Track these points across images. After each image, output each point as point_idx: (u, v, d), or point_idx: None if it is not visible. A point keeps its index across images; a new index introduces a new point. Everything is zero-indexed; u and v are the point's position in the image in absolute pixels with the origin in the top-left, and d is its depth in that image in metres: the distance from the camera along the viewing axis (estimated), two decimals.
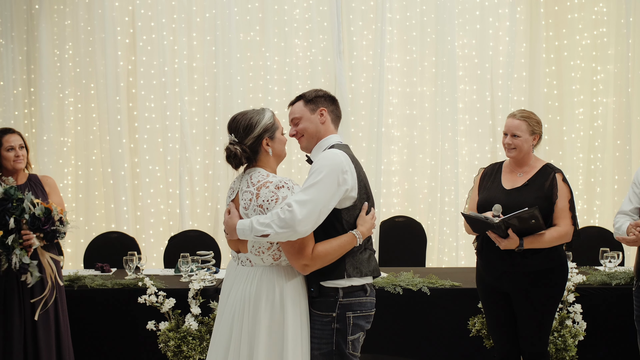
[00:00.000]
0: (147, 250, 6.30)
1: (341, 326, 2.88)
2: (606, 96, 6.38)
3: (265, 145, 2.91)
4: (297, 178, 6.49)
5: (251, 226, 2.78)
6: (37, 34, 6.48)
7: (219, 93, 6.39)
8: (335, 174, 2.79)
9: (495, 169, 3.86)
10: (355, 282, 2.90)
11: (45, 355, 4.00)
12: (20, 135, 4.19)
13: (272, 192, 2.80)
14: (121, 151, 6.42)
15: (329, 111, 3.03)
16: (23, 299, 3.99)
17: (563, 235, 3.56)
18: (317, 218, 2.75)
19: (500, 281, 3.64)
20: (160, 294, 4.33)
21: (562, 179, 3.64)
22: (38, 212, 3.83)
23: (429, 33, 6.45)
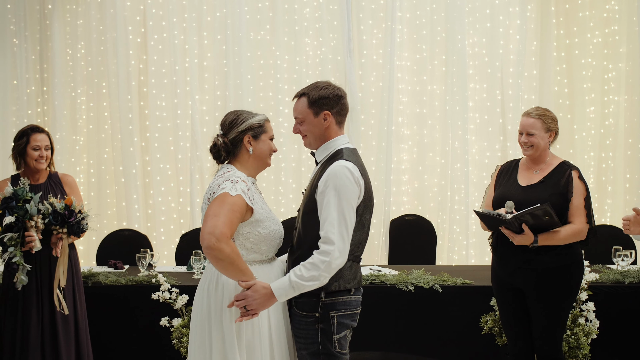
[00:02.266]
0: (158, 248, 6.33)
1: (325, 326, 2.88)
2: (618, 94, 6.37)
3: (246, 143, 2.93)
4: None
5: (294, 285, 2.77)
6: (49, 33, 6.51)
7: (229, 92, 6.41)
8: (351, 193, 2.80)
9: (512, 166, 3.86)
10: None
11: (65, 351, 4.04)
12: (48, 135, 4.21)
13: (217, 185, 2.84)
14: (132, 149, 6.46)
15: (333, 113, 2.94)
16: (41, 297, 4.03)
17: (578, 233, 3.57)
18: (349, 239, 2.80)
19: (514, 277, 3.65)
20: (173, 290, 4.37)
21: (579, 176, 3.65)
22: (59, 207, 3.89)
23: (439, 32, 6.46)
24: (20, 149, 4.13)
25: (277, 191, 6.50)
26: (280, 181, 6.51)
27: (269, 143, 2.99)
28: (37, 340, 3.99)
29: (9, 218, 3.79)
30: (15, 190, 3.85)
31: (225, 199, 2.76)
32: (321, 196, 2.82)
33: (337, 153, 2.92)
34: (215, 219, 2.71)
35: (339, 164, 2.84)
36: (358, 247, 2.93)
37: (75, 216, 3.95)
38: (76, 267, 4.21)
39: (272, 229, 2.92)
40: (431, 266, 5.23)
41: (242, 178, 2.87)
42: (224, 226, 2.70)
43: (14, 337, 3.99)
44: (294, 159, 6.54)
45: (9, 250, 3.80)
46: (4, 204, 3.84)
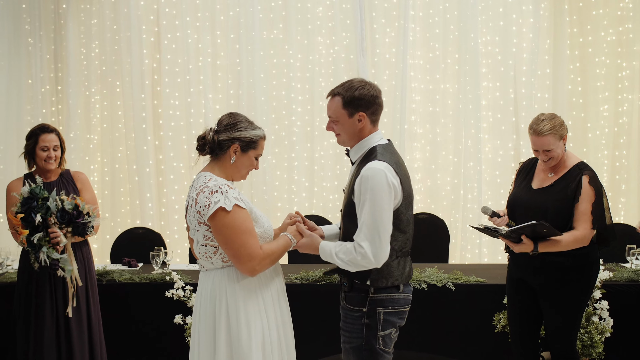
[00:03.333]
0: (171, 246, 6.36)
1: (371, 322, 2.89)
2: (632, 93, 6.34)
3: (232, 151, 2.89)
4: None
5: (332, 256, 2.89)
6: (64, 32, 6.57)
7: (242, 91, 6.43)
8: (385, 196, 2.79)
9: (531, 165, 3.84)
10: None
11: (78, 350, 4.06)
12: (58, 134, 4.20)
13: (206, 197, 2.78)
14: (146, 148, 6.50)
15: (368, 114, 2.91)
16: (55, 296, 4.05)
17: (579, 240, 3.51)
18: (386, 242, 2.82)
19: (529, 277, 3.65)
20: (187, 288, 4.39)
21: (589, 181, 3.58)
22: (68, 206, 3.88)
23: (451, 30, 6.45)
24: (29, 149, 4.14)
25: (290, 190, 6.52)
26: (293, 180, 6.53)
27: (252, 160, 2.94)
28: (51, 339, 4.01)
29: (38, 218, 3.78)
30: (31, 189, 3.85)
31: (234, 222, 2.77)
32: (357, 199, 2.83)
33: (371, 152, 2.90)
34: (245, 249, 2.78)
35: (372, 166, 2.81)
36: (405, 243, 2.95)
37: (82, 217, 3.91)
38: (89, 265, 4.22)
39: (265, 227, 2.94)
40: (444, 264, 5.23)
41: (228, 184, 2.86)
42: (255, 249, 2.80)
43: (28, 337, 4.01)
44: (307, 158, 6.56)
45: (43, 250, 3.79)
46: (26, 204, 3.82)
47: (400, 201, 2.86)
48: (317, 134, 6.52)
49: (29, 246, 3.82)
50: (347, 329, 2.95)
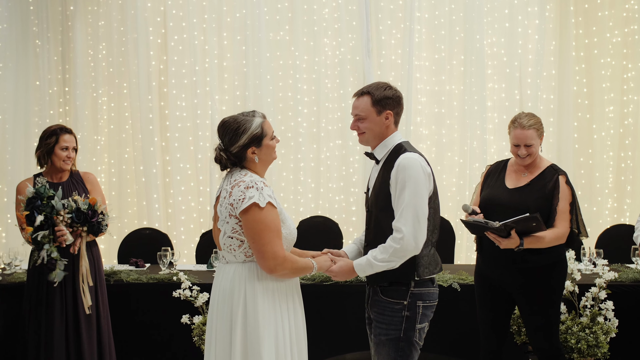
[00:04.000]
0: (178, 246, 6.41)
1: (411, 314, 3.00)
2: (637, 94, 6.37)
3: (250, 154, 2.92)
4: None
5: (371, 264, 2.98)
6: (71, 34, 6.63)
7: (249, 92, 6.47)
8: (423, 182, 2.94)
9: (501, 167, 3.92)
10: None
11: (87, 349, 4.10)
12: (75, 137, 4.29)
13: (241, 191, 2.82)
14: (153, 149, 6.55)
15: (394, 113, 3.08)
16: (65, 296, 4.09)
17: (560, 237, 3.63)
18: (425, 227, 2.94)
19: (501, 278, 3.71)
20: (194, 288, 4.41)
21: (565, 181, 3.69)
22: (83, 206, 3.96)
23: (457, 32, 6.49)
24: (49, 148, 4.19)
25: (296, 191, 6.55)
26: (299, 181, 6.56)
27: (270, 144, 2.99)
28: (61, 338, 4.05)
29: (39, 218, 3.85)
30: (37, 189, 3.92)
31: (264, 219, 2.82)
32: (393, 189, 2.96)
33: (399, 147, 3.05)
34: (270, 246, 2.82)
35: (407, 157, 2.98)
36: (434, 232, 3.07)
37: (97, 216, 4.01)
38: (99, 265, 4.27)
39: (291, 229, 2.98)
40: (449, 265, 5.26)
41: (264, 182, 2.90)
42: (279, 249, 2.84)
43: (39, 336, 4.05)
44: (313, 159, 6.59)
45: (45, 247, 3.85)
46: (30, 204, 3.90)
47: (432, 191, 3.01)
48: (323, 135, 6.56)
49: (32, 243, 3.90)
50: (384, 321, 3.03)
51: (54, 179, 4.24)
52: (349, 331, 4.54)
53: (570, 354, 4.12)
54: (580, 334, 4.07)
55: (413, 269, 2.98)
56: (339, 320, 4.55)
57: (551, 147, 6.44)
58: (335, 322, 4.53)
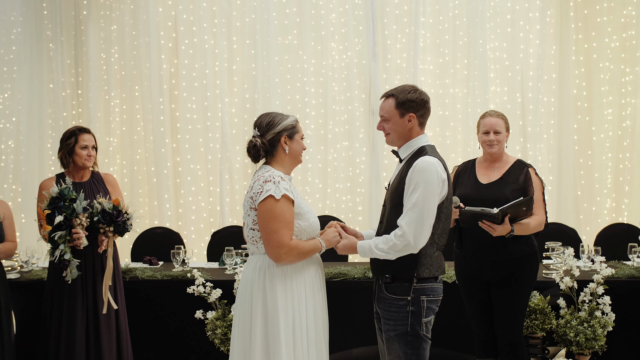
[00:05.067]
0: (188, 246, 6.47)
1: (416, 309, 3.08)
2: (635, 97, 6.48)
3: (283, 143, 3.14)
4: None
5: (371, 250, 3.10)
6: (84, 38, 6.73)
7: (257, 95, 6.59)
8: (435, 187, 3.01)
9: (469, 166, 4.13)
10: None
11: (107, 345, 4.21)
12: (93, 135, 4.43)
13: (260, 185, 3.04)
14: (164, 151, 6.66)
15: (417, 116, 3.15)
16: (86, 293, 4.20)
17: (541, 224, 3.91)
18: (428, 229, 3.01)
19: (483, 270, 3.91)
20: (207, 284, 4.51)
21: (535, 173, 3.97)
22: (108, 206, 4.09)
23: (461, 36, 6.60)
24: (70, 148, 4.32)
25: (303, 191, 6.66)
26: (307, 181, 6.68)
27: (301, 142, 3.21)
28: (82, 336, 4.16)
29: (59, 218, 3.98)
30: (61, 190, 4.04)
31: (275, 209, 3.00)
32: (407, 188, 3.05)
33: (421, 150, 3.13)
34: (276, 235, 3.00)
35: (425, 160, 3.05)
36: (442, 236, 3.14)
37: (122, 216, 4.14)
38: (117, 264, 4.37)
39: (311, 222, 3.15)
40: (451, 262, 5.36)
41: (282, 176, 3.09)
42: (285, 239, 3.00)
43: (60, 333, 4.16)
44: (320, 160, 6.70)
45: (60, 247, 3.98)
46: (53, 204, 4.02)
47: (446, 196, 3.08)
48: (330, 137, 6.67)
49: (49, 241, 4.02)
50: (391, 317, 3.12)
51: (76, 178, 4.36)
52: (356, 326, 4.65)
53: (569, 347, 4.26)
54: (578, 327, 4.20)
55: (414, 268, 3.06)
56: (346, 316, 4.65)
57: (552, 148, 6.56)
58: (342, 318, 4.63)
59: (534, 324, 4.24)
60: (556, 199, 6.54)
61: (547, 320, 4.27)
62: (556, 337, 4.32)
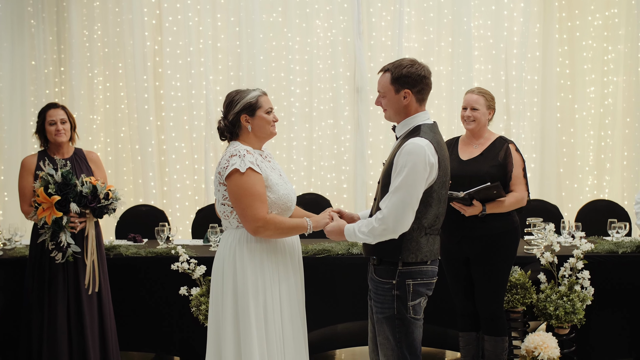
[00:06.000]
0: (173, 223, 6.48)
1: (401, 293, 3.01)
2: (616, 75, 6.53)
3: (244, 122, 3.13)
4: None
5: (355, 233, 3.03)
6: (66, 15, 6.67)
7: (242, 72, 6.57)
8: (421, 172, 2.89)
9: (453, 142, 4.17)
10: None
11: (89, 322, 4.19)
12: (65, 110, 4.35)
13: (226, 160, 3.06)
14: (148, 128, 6.64)
15: (413, 92, 3.02)
16: (67, 269, 4.17)
17: (520, 200, 3.93)
18: (410, 214, 2.92)
19: (460, 245, 3.95)
20: (192, 261, 4.49)
21: (515, 149, 4.00)
22: (85, 190, 4.05)
23: (445, 14, 6.60)
24: (39, 127, 4.32)
25: (288, 169, 6.67)
26: (292, 159, 6.69)
27: (265, 117, 3.15)
28: (63, 316, 4.14)
29: (74, 206, 3.99)
30: (65, 175, 4.01)
31: (243, 184, 3.01)
32: (394, 171, 2.95)
33: (416, 129, 3.01)
34: (251, 210, 3.00)
35: (414, 142, 2.92)
36: (435, 221, 3.05)
37: (97, 201, 4.10)
38: (100, 241, 4.35)
39: (281, 194, 3.14)
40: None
41: (248, 150, 3.09)
42: (260, 212, 3.01)
43: (42, 309, 4.15)
44: (305, 138, 6.71)
45: (65, 231, 4.01)
46: (62, 190, 4.00)
47: (435, 179, 2.97)
48: (315, 114, 6.67)
49: (53, 225, 3.99)
50: (378, 300, 3.08)
51: (58, 155, 4.33)
52: (340, 303, 4.68)
53: (549, 321, 4.32)
54: (558, 301, 4.25)
55: (399, 252, 2.99)
56: (330, 292, 4.67)
57: (535, 126, 6.61)
58: (326, 294, 4.65)
59: (514, 298, 4.29)
60: (539, 176, 6.60)
61: (528, 294, 4.32)
62: (536, 311, 4.38)
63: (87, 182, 4.09)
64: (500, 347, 4.01)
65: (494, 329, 4.01)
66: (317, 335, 4.80)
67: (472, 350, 4.13)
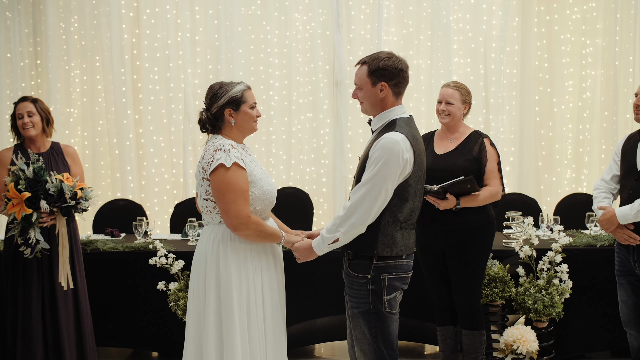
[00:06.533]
0: (151, 218, 6.44)
1: (376, 287, 3.00)
2: (594, 69, 6.58)
3: (228, 116, 3.09)
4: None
5: (322, 238, 2.99)
6: (42, 7, 6.59)
7: (221, 66, 6.54)
8: (394, 167, 2.88)
9: (429, 136, 4.17)
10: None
11: (64, 318, 4.15)
12: (35, 103, 4.26)
13: (210, 154, 3.02)
14: (126, 122, 6.58)
15: (390, 85, 3.01)
16: (41, 264, 4.13)
17: (494, 194, 3.93)
18: (377, 208, 2.91)
19: (436, 239, 3.95)
20: (170, 256, 4.48)
21: (490, 143, 4.00)
22: (52, 189, 3.98)
23: (424, 7, 6.59)
24: (13, 123, 4.28)
25: (267, 163, 6.65)
26: (270, 153, 6.67)
27: (249, 112, 3.13)
28: (38, 311, 4.10)
29: (44, 204, 3.92)
30: (36, 170, 3.95)
31: (228, 179, 2.97)
32: (368, 163, 2.94)
33: (392, 124, 2.99)
34: (235, 206, 2.97)
35: (389, 137, 2.91)
36: (411, 215, 3.04)
37: (63, 201, 4.02)
38: (75, 237, 4.30)
39: (264, 190, 3.12)
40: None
41: (233, 144, 3.06)
42: (243, 209, 2.98)
43: (16, 309, 4.10)
44: (284, 132, 6.69)
45: (35, 228, 3.95)
46: (32, 187, 3.93)
47: (410, 174, 2.96)
48: (295, 108, 6.65)
49: (22, 221, 3.94)
50: (353, 295, 3.07)
51: (33, 149, 4.27)
52: (320, 297, 4.68)
53: (528, 314, 4.34)
54: (537, 295, 4.28)
55: (374, 247, 2.98)
56: (310, 286, 4.67)
57: (514, 119, 6.63)
58: (306, 288, 4.65)
59: (493, 292, 4.31)
60: (517, 170, 6.63)
61: (507, 288, 4.34)
62: (515, 304, 4.40)
63: (56, 179, 4.01)
64: (478, 340, 4.02)
65: (472, 323, 4.02)
66: (296, 329, 4.80)
67: (450, 344, 4.14)
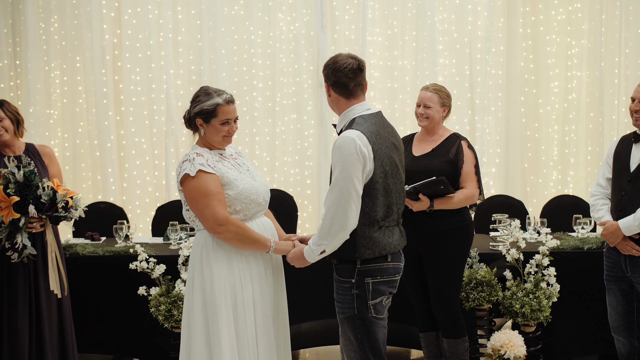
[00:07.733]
0: (133, 220, 6.37)
1: (360, 292, 2.98)
2: (580, 70, 6.56)
3: (198, 125, 3.10)
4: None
5: (310, 248, 2.97)
6: (22, 7, 6.47)
7: (204, 66, 6.47)
8: (353, 165, 2.86)
9: (408, 139, 4.15)
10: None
11: (47, 327, 4.09)
12: (1, 106, 4.15)
13: (179, 166, 3.05)
14: (107, 123, 6.49)
15: (331, 86, 3.04)
16: (28, 273, 4.07)
17: (470, 197, 3.89)
18: (352, 209, 2.87)
19: (411, 241, 3.83)
20: (151, 260, 4.43)
21: (468, 146, 3.97)
22: (45, 197, 3.91)
23: (409, 8, 6.56)
24: None
25: (251, 164, 6.56)
26: (254, 155, 6.61)
27: (218, 128, 3.08)
28: (24, 316, 4.04)
29: (32, 209, 3.85)
30: (27, 175, 3.87)
31: (196, 186, 2.96)
32: (332, 168, 2.96)
33: (351, 123, 2.99)
34: (209, 210, 2.95)
35: (343, 136, 2.91)
36: (388, 212, 3.01)
37: (54, 209, 3.96)
38: (58, 241, 4.24)
39: (241, 189, 3.06)
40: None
41: (198, 152, 3.04)
42: (218, 210, 2.95)
43: (1, 313, 4.04)
44: (268, 133, 6.63)
45: (23, 232, 3.87)
46: (24, 192, 3.86)
47: (372, 170, 2.92)
48: (278, 109, 6.59)
49: (10, 225, 3.86)
50: (339, 299, 3.05)
51: (9, 152, 4.19)
52: (305, 301, 4.63)
53: (515, 318, 4.30)
54: (524, 299, 4.24)
55: (354, 250, 2.96)
56: (295, 291, 4.58)
57: (499, 120, 6.61)
58: (290, 293, 4.56)
59: (480, 296, 4.26)
60: (503, 171, 6.61)
61: (494, 292, 4.29)
62: (502, 308, 4.36)
63: (48, 187, 3.95)
64: (461, 347, 3.97)
65: (452, 331, 3.96)
66: None
67: (434, 350, 4.09)
